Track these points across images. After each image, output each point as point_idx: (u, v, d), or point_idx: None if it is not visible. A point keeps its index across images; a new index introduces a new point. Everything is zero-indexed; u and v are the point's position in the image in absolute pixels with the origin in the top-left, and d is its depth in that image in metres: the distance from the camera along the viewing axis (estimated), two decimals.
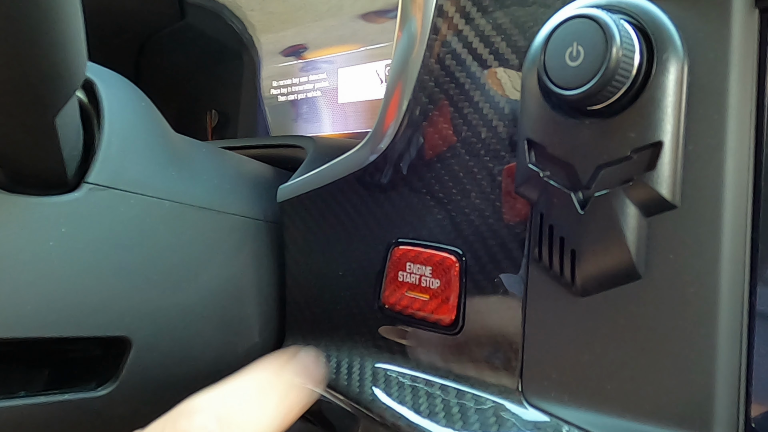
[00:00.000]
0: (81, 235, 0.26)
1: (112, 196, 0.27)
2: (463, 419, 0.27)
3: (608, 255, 0.23)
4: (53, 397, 0.27)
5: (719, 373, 0.21)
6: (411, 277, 0.30)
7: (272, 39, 0.66)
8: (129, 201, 0.28)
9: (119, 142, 0.28)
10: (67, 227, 0.26)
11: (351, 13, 0.58)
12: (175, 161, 0.31)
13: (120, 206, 0.28)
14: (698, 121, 0.21)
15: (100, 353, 0.29)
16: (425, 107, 0.29)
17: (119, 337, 0.28)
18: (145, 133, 0.30)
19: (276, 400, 0.22)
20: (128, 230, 0.28)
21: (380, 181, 0.32)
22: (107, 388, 0.28)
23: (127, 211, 0.28)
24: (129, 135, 0.29)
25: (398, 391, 0.30)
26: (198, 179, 0.33)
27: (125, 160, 0.28)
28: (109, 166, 0.27)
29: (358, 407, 0.31)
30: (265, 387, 0.22)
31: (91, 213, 0.27)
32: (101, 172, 0.27)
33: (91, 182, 0.27)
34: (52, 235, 0.25)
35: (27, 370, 0.28)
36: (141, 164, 0.29)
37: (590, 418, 0.24)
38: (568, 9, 0.24)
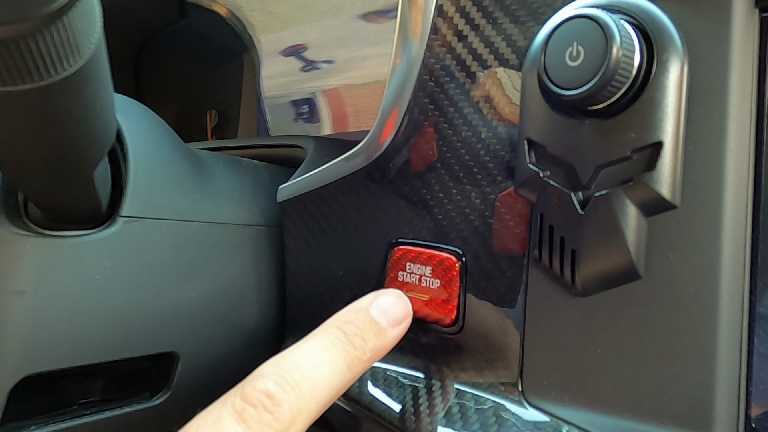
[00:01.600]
0: (122, 265, 0.28)
1: (144, 225, 0.29)
2: (463, 419, 0.27)
3: (608, 255, 0.23)
4: (116, 411, 0.29)
5: (719, 373, 0.21)
6: (411, 277, 0.30)
7: (272, 39, 0.66)
8: (161, 227, 0.30)
9: (145, 173, 0.30)
10: (109, 261, 0.28)
11: (351, 13, 0.58)
12: (198, 182, 0.33)
13: (153, 233, 0.30)
14: (698, 121, 0.21)
15: (148, 365, 0.32)
16: (425, 107, 0.29)
17: (167, 352, 0.31)
18: (168, 161, 0.32)
19: (337, 356, 0.23)
20: (163, 254, 0.30)
21: (380, 181, 0.32)
22: (161, 398, 0.31)
23: (160, 237, 0.30)
24: (153, 165, 0.31)
25: (398, 391, 0.30)
26: (220, 197, 0.34)
27: (152, 189, 0.30)
28: (139, 198, 0.29)
29: (358, 407, 0.31)
30: (323, 346, 0.23)
31: (128, 244, 0.29)
32: (132, 204, 0.29)
33: (124, 215, 0.29)
34: (97, 269, 0.27)
35: (81, 382, 0.30)
36: (167, 191, 0.31)
37: (590, 418, 0.24)
38: (568, 9, 0.24)
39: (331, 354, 0.23)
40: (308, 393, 0.22)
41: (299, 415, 0.21)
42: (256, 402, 0.21)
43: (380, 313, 0.26)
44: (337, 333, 0.24)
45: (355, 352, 0.24)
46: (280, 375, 0.22)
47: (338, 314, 0.25)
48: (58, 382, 0.28)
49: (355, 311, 0.25)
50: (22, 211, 0.26)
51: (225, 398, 0.21)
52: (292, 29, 0.64)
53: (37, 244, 0.26)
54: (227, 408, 0.21)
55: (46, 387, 0.27)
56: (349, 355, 0.24)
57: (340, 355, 0.23)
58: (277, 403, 0.21)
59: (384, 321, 0.25)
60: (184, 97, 0.71)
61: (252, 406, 0.21)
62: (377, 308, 0.26)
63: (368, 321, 0.25)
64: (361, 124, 0.58)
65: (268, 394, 0.21)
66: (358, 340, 0.24)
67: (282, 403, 0.21)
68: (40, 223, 0.26)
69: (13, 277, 0.25)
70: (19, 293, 0.25)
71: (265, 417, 0.20)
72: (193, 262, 0.31)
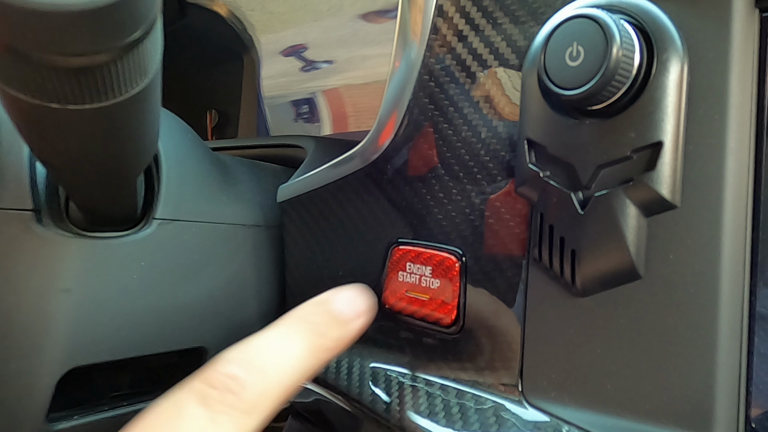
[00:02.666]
0: (157, 264, 0.30)
1: (176, 227, 0.31)
2: (463, 419, 0.27)
3: (608, 255, 0.23)
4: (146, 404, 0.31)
5: (719, 373, 0.21)
6: (411, 277, 0.30)
7: (272, 39, 0.66)
8: (191, 229, 0.32)
9: (176, 178, 0.32)
10: (145, 260, 0.30)
11: (351, 13, 0.58)
12: (224, 186, 0.35)
13: (184, 235, 0.32)
14: (698, 121, 0.21)
15: (176, 360, 0.34)
16: (425, 107, 0.29)
17: (197, 348, 0.32)
18: (196, 165, 0.34)
19: (300, 343, 0.23)
20: (193, 255, 0.32)
21: (380, 181, 0.32)
22: None
23: (190, 238, 0.32)
24: (183, 170, 0.33)
25: (398, 391, 0.30)
26: (243, 199, 0.36)
27: (183, 193, 0.32)
28: (171, 201, 0.31)
29: (358, 407, 0.31)
30: (287, 333, 0.24)
31: (162, 244, 0.31)
32: (165, 207, 0.31)
33: (158, 218, 0.31)
34: (135, 269, 0.29)
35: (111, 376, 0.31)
36: (196, 195, 0.33)
37: (590, 418, 0.24)
38: (568, 9, 0.24)
39: (295, 340, 0.23)
40: (273, 376, 0.22)
41: (263, 397, 0.21)
42: (219, 384, 0.20)
43: (342, 304, 0.26)
44: (299, 322, 0.24)
45: (318, 340, 0.24)
46: (243, 359, 0.22)
47: (301, 306, 0.26)
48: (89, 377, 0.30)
49: (318, 303, 0.26)
50: (64, 213, 0.28)
51: (185, 382, 0.21)
52: (292, 29, 0.64)
53: (81, 245, 0.27)
54: (186, 393, 0.20)
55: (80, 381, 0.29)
56: (312, 343, 0.24)
57: (303, 343, 0.24)
58: (241, 384, 0.21)
59: (346, 312, 0.26)
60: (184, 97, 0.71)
61: (214, 389, 0.20)
62: (339, 300, 0.26)
63: (330, 311, 0.25)
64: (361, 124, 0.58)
65: (231, 376, 0.21)
66: (321, 328, 0.25)
67: (246, 384, 0.21)
68: (80, 225, 0.28)
69: (60, 275, 0.27)
70: (66, 291, 0.27)
71: (228, 398, 0.20)
72: (220, 261, 0.33)
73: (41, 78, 0.16)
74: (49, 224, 0.27)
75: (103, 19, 0.14)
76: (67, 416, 0.28)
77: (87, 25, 0.14)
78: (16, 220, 0.26)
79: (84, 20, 0.14)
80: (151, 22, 0.16)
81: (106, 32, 0.15)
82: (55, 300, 0.27)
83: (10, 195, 0.26)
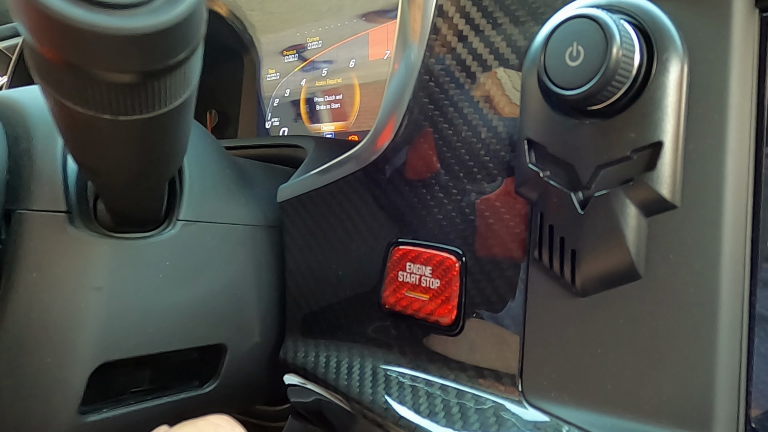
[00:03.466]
0: (180, 263, 0.32)
1: (198, 228, 0.33)
2: (463, 419, 0.27)
3: (608, 255, 0.23)
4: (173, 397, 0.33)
5: (719, 373, 0.21)
6: (411, 278, 0.30)
7: (272, 39, 0.66)
8: (212, 230, 0.33)
9: (198, 180, 0.33)
10: (169, 260, 0.31)
11: (351, 13, 0.58)
12: (242, 188, 0.37)
13: (206, 236, 0.33)
14: (698, 121, 0.21)
15: (196, 356, 0.35)
16: (425, 107, 0.29)
17: (218, 344, 0.34)
18: (216, 168, 0.36)
19: None
20: (214, 254, 0.33)
21: (380, 181, 0.32)
22: (211, 385, 0.34)
23: (212, 239, 0.33)
24: (204, 174, 0.34)
25: (398, 391, 0.30)
26: (260, 201, 0.38)
27: (204, 196, 0.33)
28: (194, 204, 0.33)
29: (358, 407, 0.31)
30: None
31: (185, 245, 0.32)
32: (188, 209, 0.32)
33: (182, 219, 0.32)
34: (160, 268, 0.31)
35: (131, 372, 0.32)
36: (217, 197, 0.35)
37: (590, 418, 0.24)
38: (568, 9, 0.24)
39: None
40: None
41: None
42: None
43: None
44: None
45: None
46: None
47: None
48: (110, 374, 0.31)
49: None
50: (92, 215, 0.29)
51: None
52: (292, 29, 0.64)
53: (111, 245, 0.29)
54: None
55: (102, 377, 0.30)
56: None
57: None
58: None
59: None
60: None
61: None
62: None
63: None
64: (361, 124, 0.58)
65: None
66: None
67: None
68: (107, 226, 0.29)
69: (92, 274, 0.28)
70: (97, 289, 0.28)
71: None
72: (239, 261, 0.35)
73: (98, 92, 0.17)
74: (80, 225, 0.28)
75: (158, 41, 0.16)
76: (96, 409, 0.30)
77: (143, 46, 0.16)
78: (51, 221, 0.27)
79: (141, 42, 0.16)
80: (197, 44, 0.18)
81: (159, 53, 0.16)
82: (88, 298, 0.28)
83: (45, 198, 0.27)
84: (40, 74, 0.18)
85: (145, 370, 0.33)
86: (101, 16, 0.15)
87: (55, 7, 0.15)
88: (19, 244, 0.27)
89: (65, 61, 0.16)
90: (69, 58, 0.16)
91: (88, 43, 0.15)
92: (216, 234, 0.34)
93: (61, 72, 0.17)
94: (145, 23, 0.16)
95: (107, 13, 0.15)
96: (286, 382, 0.37)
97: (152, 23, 0.16)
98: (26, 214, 0.27)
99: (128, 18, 0.16)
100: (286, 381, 0.37)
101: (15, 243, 0.27)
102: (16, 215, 0.27)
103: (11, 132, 0.28)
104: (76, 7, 0.15)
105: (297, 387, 0.36)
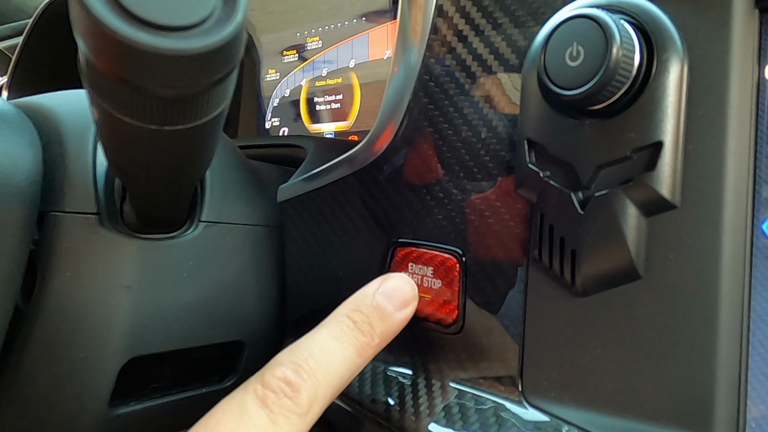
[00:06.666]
0: (203, 263, 0.33)
1: (220, 229, 0.34)
2: (463, 419, 0.27)
3: (608, 255, 0.23)
4: (195, 391, 0.34)
5: (719, 373, 0.21)
6: (413, 278, 0.30)
7: (272, 39, 0.66)
8: (233, 231, 0.35)
9: (219, 183, 0.35)
10: (193, 260, 0.32)
11: (351, 13, 0.58)
12: (260, 191, 0.38)
13: (227, 236, 0.34)
14: (698, 121, 0.21)
15: (216, 353, 0.36)
16: (425, 107, 0.29)
17: (237, 341, 0.35)
18: (235, 171, 0.37)
19: (347, 343, 0.25)
20: (235, 255, 0.34)
21: (380, 181, 0.32)
22: (230, 381, 0.35)
23: (232, 239, 0.34)
24: (225, 176, 0.35)
25: (398, 391, 0.30)
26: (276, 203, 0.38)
27: (225, 198, 0.35)
28: (215, 205, 0.34)
29: (358, 407, 0.31)
30: (334, 334, 0.25)
31: (207, 245, 0.33)
32: (210, 210, 0.34)
33: (204, 220, 0.33)
34: (184, 267, 0.32)
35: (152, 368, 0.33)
36: (237, 199, 0.35)
37: (590, 418, 0.24)
38: (568, 9, 0.24)
39: (342, 342, 0.25)
40: (323, 379, 0.23)
41: (315, 400, 0.23)
42: (276, 388, 0.22)
43: (386, 298, 0.27)
44: (346, 321, 0.26)
45: (364, 339, 0.25)
46: (296, 363, 0.23)
47: (346, 302, 0.27)
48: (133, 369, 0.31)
49: (362, 297, 0.27)
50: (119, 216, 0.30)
51: (247, 384, 0.23)
52: (292, 29, 0.64)
53: (140, 246, 0.30)
54: (250, 394, 0.23)
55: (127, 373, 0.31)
56: (359, 342, 0.25)
57: (351, 343, 0.25)
58: (296, 389, 0.23)
59: (390, 306, 0.27)
60: None
61: (273, 392, 0.22)
62: (383, 293, 0.27)
63: (375, 307, 0.26)
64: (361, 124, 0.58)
65: (286, 381, 0.23)
66: (366, 326, 0.26)
67: (300, 389, 0.23)
68: (133, 227, 0.30)
69: (122, 273, 0.29)
70: (127, 287, 0.30)
71: (285, 402, 0.22)
72: (257, 261, 0.36)
73: (147, 105, 0.19)
74: (109, 227, 0.29)
75: (208, 60, 0.18)
76: (125, 402, 0.31)
77: (195, 65, 0.18)
78: (83, 223, 0.29)
79: (193, 61, 0.17)
80: (239, 61, 0.19)
81: (207, 70, 0.18)
82: (118, 296, 0.29)
83: (77, 200, 0.29)
84: (92, 85, 0.19)
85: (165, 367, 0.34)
86: (159, 38, 0.17)
87: (120, 30, 0.16)
88: (53, 244, 0.28)
89: (122, 77, 0.17)
90: (126, 74, 0.17)
91: (147, 62, 0.17)
92: (237, 235, 0.35)
93: (115, 85, 0.18)
94: (198, 44, 0.17)
95: (164, 36, 0.17)
96: None
97: (204, 44, 0.17)
98: (60, 216, 0.28)
99: (183, 40, 0.17)
100: None
101: (49, 243, 0.28)
102: (50, 217, 0.28)
103: (44, 137, 0.30)
104: (139, 30, 0.16)
105: None
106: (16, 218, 0.27)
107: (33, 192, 0.28)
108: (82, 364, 0.29)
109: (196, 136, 0.22)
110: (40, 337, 0.28)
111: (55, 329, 0.28)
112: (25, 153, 0.28)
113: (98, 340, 0.29)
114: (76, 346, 0.28)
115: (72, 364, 0.28)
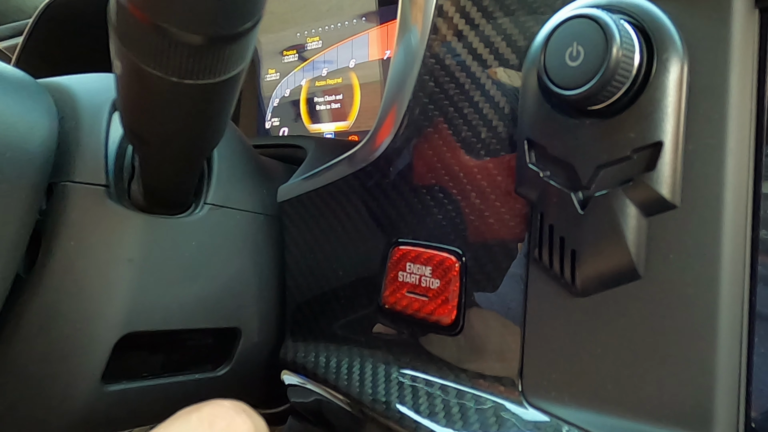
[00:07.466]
0: (206, 245, 0.33)
1: (224, 213, 0.34)
2: (463, 419, 0.27)
3: (608, 255, 0.23)
4: (188, 377, 0.34)
5: (719, 373, 0.21)
6: (411, 278, 0.30)
7: (272, 39, 0.66)
8: (236, 217, 0.35)
9: (226, 167, 0.35)
10: (196, 240, 0.33)
11: (351, 13, 0.58)
12: (265, 180, 0.38)
13: (230, 221, 0.34)
14: (698, 121, 0.21)
15: (211, 342, 0.36)
16: (425, 107, 0.29)
17: (233, 327, 0.35)
18: (242, 158, 0.37)
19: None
20: (237, 240, 0.35)
21: (380, 181, 0.32)
22: (224, 369, 0.36)
23: (235, 225, 0.35)
24: (232, 161, 0.36)
25: (398, 391, 0.30)
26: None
27: (231, 183, 0.35)
28: (221, 189, 0.34)
29: (358, 407, 0.31)
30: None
31: (211, 228, 0.33)
32: (216, 193, 0.34)
33: (209, 202, 0.34)
34: (187, 247, 0.32)
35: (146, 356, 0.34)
36: (242, 185, 0.36)
37: (590, 418, 0.24)
38: (568, 9, 0.24)
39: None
40: None
41: None
42: None
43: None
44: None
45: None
46: None
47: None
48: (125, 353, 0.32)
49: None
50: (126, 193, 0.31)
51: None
52: (292, 29, 0.64)
53: (145, 220, 0.30)
54: None
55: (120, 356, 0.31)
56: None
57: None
58: None
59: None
60: None
61: None
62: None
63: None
64: (361, 124, 0.58)
65: None
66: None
67: None
68: (139, 206, 0.31)
69: (126, 246, 0.30)
70: (129, 261, 0.30)
71: None
72: (259, 249, 0.36)
73: (173, 53, 0.19)
74: (116, 199, 0.30)
75: (234, 6, 0.18)
76: (117, 380, 0.31)
77: (224, 9, 0.18)
78: (91, 193, 0.29)
79: (221, 6, 0.18)
80: (261, 16, 0.20)
81: (233, 18, 0.19)
82: (120, 268, 0.29)
83: (87, 171, 0.29)
84: (120, 34, 0.20)
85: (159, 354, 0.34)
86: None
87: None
88: (60, 214, 0.28)
89: (153, 22, 0.18)
90: (158, 19, 0.18)
91: (177, 4, 0.18)
92: (240, 220, 0.35)
93: (144, 33, 0.19)
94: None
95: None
96: (286, 382, 0.37)
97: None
98: (69, 186, 0.29)
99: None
100: (285, 381, 0.37)
101: (56, 213, 0.28)
102: (59, 187, 0.29)
103: (60, 112, 0.30)
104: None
105: (297, 387, 0.36)
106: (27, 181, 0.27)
107: (45, 159, 0.28)
108: (78, 335, 0.29)
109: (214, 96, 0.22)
110: (39, 306, 0.28)
111: (54, 299, 0.28)
112: (41, 120, 0.28)
113: (96, 311, 0.29)
114: (74, 316, 0.29)
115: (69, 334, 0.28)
